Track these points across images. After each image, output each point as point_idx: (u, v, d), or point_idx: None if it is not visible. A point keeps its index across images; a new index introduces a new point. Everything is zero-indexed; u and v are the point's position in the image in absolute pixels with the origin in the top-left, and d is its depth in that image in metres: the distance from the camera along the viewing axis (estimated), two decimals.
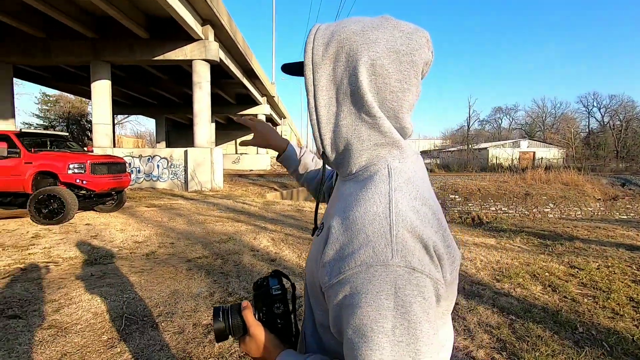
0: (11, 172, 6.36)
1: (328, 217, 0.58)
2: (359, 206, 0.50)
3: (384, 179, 0.52)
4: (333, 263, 0.48)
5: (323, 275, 0.50)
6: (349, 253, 0.47)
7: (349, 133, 0.54)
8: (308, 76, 0.55)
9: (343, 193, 0.57)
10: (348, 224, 0.49)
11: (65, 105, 35.49)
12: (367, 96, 0.51)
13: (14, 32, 12.00)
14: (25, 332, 2.41)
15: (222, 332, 0.64)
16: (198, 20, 11.77)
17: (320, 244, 0.54)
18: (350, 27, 0.53)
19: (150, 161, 12.94)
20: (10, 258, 4.17)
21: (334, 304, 0.48)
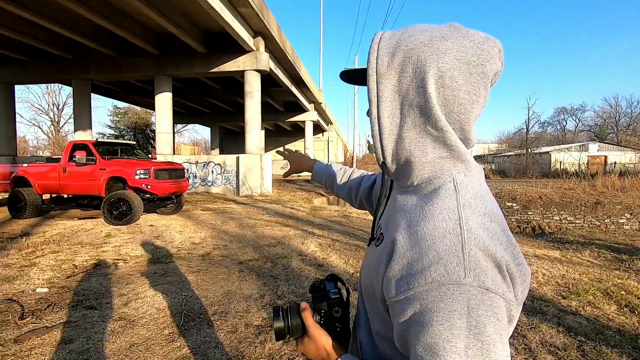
0: (89, 177, 7.13)
1: (389, 228, 0.58)
2: (426, 221, 0.49)
3: (450, 194, 0.51)
4: (400, 278, 0.48)
5: (388, 289, 0.50)
6: (419, 270, 0.46)
7: (412, 145, 0.54)
8: (372, 86, 0.54)
9: (404, 205, 0.57)
10: (416, 239, 0.49)
11: (133, 116, 39.03)
12: (435, 109, 0.51)
13: (90, 52, 13.50)
14: (99, 322, 2.68)
15: (281, 331, 0.66)
16: (250, 33, 12.35)
17: (382, 256, 0.54)
18: (417, 37, 0.52)
19: (205, 167, 13.74)
20: (87, 254, 4.66)
21: (400, 320, 0.48)
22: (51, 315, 2.81)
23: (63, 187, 7.36)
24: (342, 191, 1.04)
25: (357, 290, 0.69)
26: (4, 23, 10.78)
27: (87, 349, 2.31)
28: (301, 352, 0.66)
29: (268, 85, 18.17)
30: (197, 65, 13.39)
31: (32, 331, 2.54)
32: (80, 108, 14.65)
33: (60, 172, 7.30)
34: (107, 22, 10.51)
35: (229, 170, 13.47)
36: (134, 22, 11.58)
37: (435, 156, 0.53)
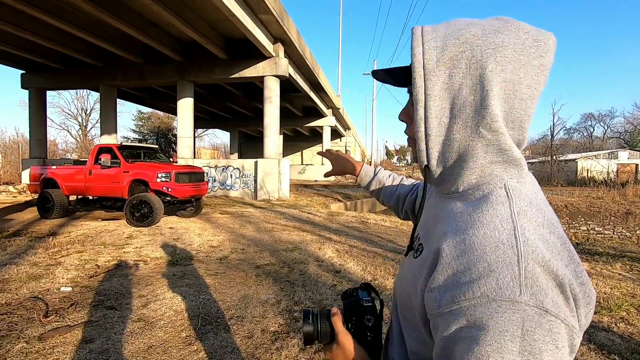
0: (113, 179, 7.35)
1: (430, 238, 0.54)
2: (476, 230, 0.45)
3: (502, 201, 0.47)
4: (444, 290, 0.44)
5: (430, 301, 0.46)
6: (466, 282, 0.42)
7: (461, 148, 0.50)
8: (419, 84, 0.49)
9: (448, 212, 0.53)
10: (463, 248, 0.45)
11: (156, 120, 40.20)
12: (492, 107, 0.47)
13: (118, 59, 14.01)
14: (119, 323, 2.71)
15: (310, 336, 0.64)
16: (270, 39, 12.52)
17: (423, 268, 0.51)
18: (469, 30, 0.48)
19: (224, 171, 13.94)
20: (109, 255, 4.77)
21: (443, 334, 0.44)
22: (74, 314, 2.87)
23: (88, 188, 7.61)
24: (389, 200, 0.99)
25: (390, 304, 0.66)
26: (43, 34, 11.37)
27: (107, 349, 2.34)
28: (329, 358, 0.64)
29: (287, 90, 18.34)
30: (218, 71, 13.67)
31: (55, 329, 2.60)
32: (107, 113, 15.19)
33: (86, 174, 7.55)
34: (137, 31, 10.92)
35: (247, 174, 13.62)
36: (161, 31, 11.97)
37: (486, 161, 0.49)
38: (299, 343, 2.52)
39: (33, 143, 15.95)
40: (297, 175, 28.78)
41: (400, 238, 6.94)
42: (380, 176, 1.01)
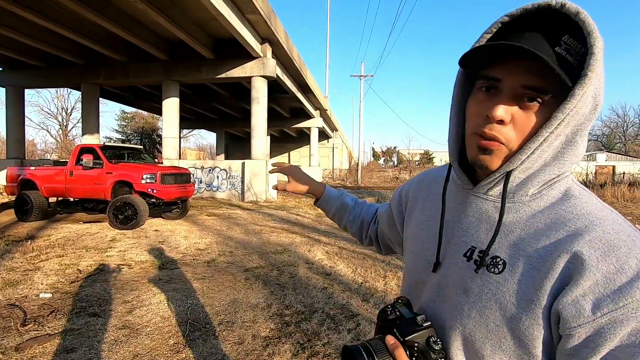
0: (95, 181, 7.12)
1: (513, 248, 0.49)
2: (601, 226, 0.45)
3: (587, 194, 0.50)
4: (597, 297, 0.42)
5: (574, 313, 0.42)
6: (625, 283, 0.41)
7: (553, 153, 0.49)
8: (588, 84, 0.44)
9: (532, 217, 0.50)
10: (605, 248, 0.43)
11: (140, 121, 39.37)
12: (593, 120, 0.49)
13: (101, 57, 13.64)
14: (103, 331, 2.60)
15: None
16: (257, 40, 12.42)
17: (535, 281, 0.46)
18: None
19: (211, 172, 13.73)
20: (92, 259, 4.60)
21: (603, 347, 0.41)
22: (54, 322, 2.74)
23: (69, 190, 7.36)
24: (352, 225, 0.92)
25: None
26: (23, 30, 10.97)
27: (90, 358, 2.24)
28: None
29: (274, 91, 18.23)
30: (204, 71, 13.47)
31: (33, 339, 2.47)
32: (89, 112, 14.77)
33: (67, 175, 7.30)
34: (122, 30, 10.66)
35: (235, 175, 13.45)
36: (147, 30, 11.71)
37: (561, 163, 0.50)
38: (291, 348, 2.46)
39: (10, 143, 15.38)
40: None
41: None
42: (345, 201, 0.94)
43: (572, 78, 0.44)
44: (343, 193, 0.96)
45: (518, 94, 0.47)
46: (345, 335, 2.67)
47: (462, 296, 0.52)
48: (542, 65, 0.43)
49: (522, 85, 0.46)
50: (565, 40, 0.45)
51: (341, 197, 0.94)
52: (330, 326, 2.83)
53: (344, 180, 29.00)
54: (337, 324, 2.88)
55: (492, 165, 0.50)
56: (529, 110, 0.47)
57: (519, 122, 0.47)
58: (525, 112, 0.47)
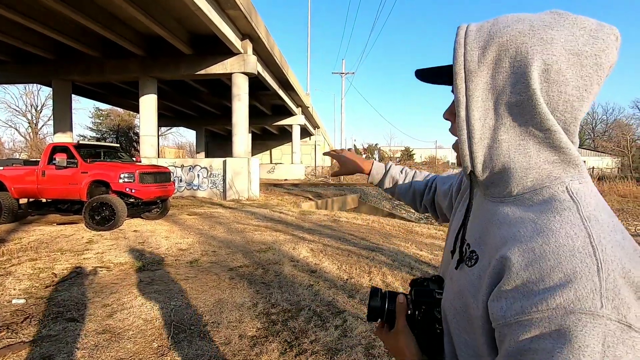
0: (69, 180, 6.84)
1: (485, 245, 0.52)
2: (546, 237, 0.42)
3: (568, 206, 0.44)
4: (513, 300, 0.42)
5: (496, 310, 0.44)
6: (539, 292, 0.40)
7: (511, 149, 0.47)
8: (460, 86, 0.48)
9: (504, 218, 0.50)
10: (533, 257, 0.42)
11: (115, 118, 38.14)
12: (541, 107, 0.44)
13: (74, 53, 13.10)
14: (82, 336, 2.51)
15: (376, 312, 0.65)
16: (238, 36, 12.23)
17: (482, 276, 0.49)
18: (514, 27, 0.45)
19: (191, 171, 13.47)
20: (67, 262, 4.43)
21: (509, 346, 0.42)
22: (28, 329, 2.62)
23: (41, 191, 7.04)
24: (405, 197, 0.98)
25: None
26: None
27: None
28: (379, 337, 0.66)
29: (255, 88, 18.03)
30: (183, 68, 13.16)
31: (7, 347, 2.35)
32: (60, 109, 14.18)
33: (38, 175, 6.98)
34: (97, 25, 10.26)
35: (216, 174, 13.24)
36: (123, 25, 11.32)
37: (541, 160, 0.47)
38: (278, 347, 2.45)
39: None
40: (266, 174, 28.42)
41: (372, 235, 7.02)
42: (392, 173, 0.99)
43: None
44: (390, 167, 1.01)
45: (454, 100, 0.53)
46: (332, 332, 2.68)
47: (448, 282, 0.60)
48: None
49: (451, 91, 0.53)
50: None
51: (389, 172, 1.00)
52: (317, 323, 2.84)
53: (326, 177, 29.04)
54: (324, 321, 2.89)
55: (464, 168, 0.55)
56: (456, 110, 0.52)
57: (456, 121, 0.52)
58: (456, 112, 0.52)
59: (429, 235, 7.82)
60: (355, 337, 2.61)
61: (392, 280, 3.97)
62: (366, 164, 1.01)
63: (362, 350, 2.44)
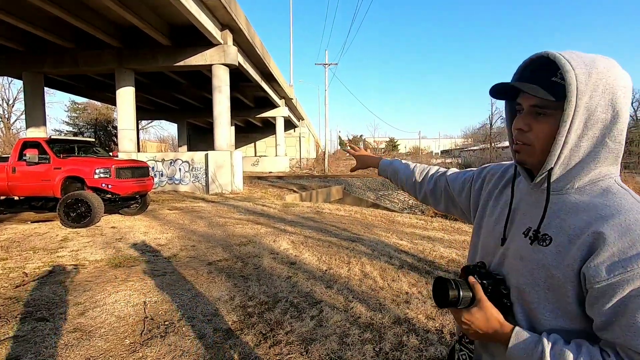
0: (42, 177, 6.63)
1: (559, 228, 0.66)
2: (625, 214, 0.60)
3: (624, 193, 0.64)
4: (612, 263, 0.58)
5: (595, 274, 0.59)
6: (634, 255, 0.56)
7: (585, 153, 0.65)
8: (572, 102, 0.62)
9: (575, 205, 0.66)
10: (622, 229, 0.59)
11: (93, 112, 36.95)
12: (622, 125, 0.64)
13: (45, 44, 12.58)
14: (51, 335, 2.46)
15: (454, 300, 0.71)
16: (217, 26, 11.96)
17: (568, 251, 0.63)
18: (600, 63, 0.63)
19: (173, 165, 13.23)
20: (40, 261, 4.31)
21: (614, 298, 0.58)
22: None
23: (12, 188, 6.80)
24: (406, 184, 1.15)
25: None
26: None
27: None
28: (466, 321, 0.72)
29: (237, 80, 17.75)
30: (161, 59, 12.83)
31: None
32: (32, 103, 13.66)
33: (8, 172, 6.73)
34: (67, 14, 9.86)
35: (198, 167, 13.05)
36: (97, 15, 10.91)
37: (601, 163, 0.65)
38: (253, 339, 2.46)
39: None
40: (250, 167, 28.18)
41: (354, 226, 7.08)
42: (396, 165, 1.20)
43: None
44: (394, 162, 1.22)
45: (531, 112, 0.69)
46: (308, 322, 2.70)
47: (518, 261, 0.71)
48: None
49: (531, 105, 0.69)
50: (558, 73, 0.65)
51: (392, 164, 1.21)
52: (294, 314, 2.85)
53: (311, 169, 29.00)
54: (301, 311, 2.91)
55: (523, 161, 0.73)
56: (539, 121, 0.68)
57: (535, 129, 0.69)
58: (537, 122, 0.68)
59: (410, 224, 7.94)
60: (330, 327, 2.64)
61: (371, 269, 4.02)
62: (376, 160, 1.27)
63: (337, 339, 2.47)
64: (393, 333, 2.57)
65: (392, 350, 2.36)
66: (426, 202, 1.12)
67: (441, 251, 5.04)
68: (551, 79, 0.66)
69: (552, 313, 0.66)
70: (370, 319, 2.81)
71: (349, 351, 2.32)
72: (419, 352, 2.34)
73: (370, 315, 2.86)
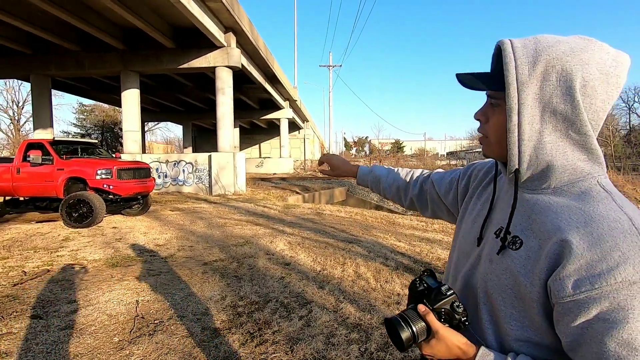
0: (45, 178, 6.74)
1: (530, 231, 0.60)
2: (598, 223, 0.52)
3: (605, 196, 0.56)
4: (579, 278, 0.51)
5: (559, 288, 0.52)
6: (605, 270, 0.49)
7: (553, 149, 0.58)
8: (512, 95, 0.57)
9: (547, 207, 0.59)
10: (593, 240, 0.51)
11: (100, 114, 37.42)
12: (583, 115, 0.55)
13: (52, 47, 12.79)
14: (43, 333, 2.50)
15: (409, 341, 0.63)
16: (221, 29, 12.06)
17: (536, 259, 0.57)
18: (558, 48, 0.56)
19: (176, 166, 13.35)
20: (40, 260, 4.38)
21: (579, 319, 0.51)
22: None
23: (17, 189, 6.93)
24: (389, 192, 1.06)
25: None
26: None
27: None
28: (428, 355, 0.65)
29: (241, 82, 17.87)
30: (165, 61, 12.96)
31: None
32: (40, 105, 13.88)
33: (13, 173, 6.86)
34: (73, 17, 10.01)
35: (201, 169, 13.15)
36: (100, 17, 11.06)
37: (575, 159, 0.58)
38: (240, 338, 2.48)
39: None
40: (255, 168, 28.29)
41: (354, 228, 7.08)
42: (376, 172, 1.09)
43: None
44: (374, 168, 1.11)
45: (489, 102, 0.65)
46: (296, 322, 2.72)
47: (487, 264, 0.66)
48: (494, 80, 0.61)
49: (488, 95, 0.65)
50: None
51: (372, 172, 1.10)
52: (283, 314, 2.87)
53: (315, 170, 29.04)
54: (290, 311, 2.92)
55: (486, 153, 0.68)
56: (495, 111, 0.63)
57: (491, 120, 0.64)
58: (493, 112, 0.64)
59: (410, 226, 7.91)
60: (317, 327, 2.65)
61: (365, 271, 4.02)
62: (354, 168, 1.13)
63: (323, 339, 2.48)
64: (380, 334, 2.57)
65: (377, 350, 2.36)
66: (412, 209, 1.04)
67: (438, 253, 5.02)
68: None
69: (519, 323, 0.60)
70: (359, 319, 2.81)
71: (333, 351, 2.33)
72: (404, 353, 2.34)
73: (359, 316, 2.86)
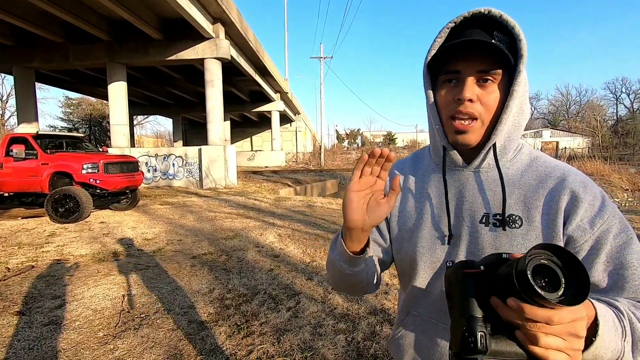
0: (29, 173, 6.60)
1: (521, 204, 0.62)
2: (569, 170, 0.62)
3: (543, 154, 0.66)
4: (590, 218, 0.58)
5: (580, 234, 0.58)
6: (601, 206, 0.58)
7: (516, 127, 0.63)
8: (523, 70, 0.59)
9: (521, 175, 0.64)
10: (582, 184, 0.60)
11: (87, 107, 36.71)
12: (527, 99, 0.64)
13: (35, 38, 12.44)
14: (25, 329, 2.47)
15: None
16: (209, 19, 11.84)
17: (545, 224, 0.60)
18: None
19: (166, 160, 13.19)
20: (24, 256, 4.31)
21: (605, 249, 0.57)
22: None
23: (1, 184, 6.77)
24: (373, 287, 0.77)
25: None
26: None
27: (6, 359, 2.12)
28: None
29: (231, 74, 17.63)
30: (153, 53, 12.70)
31: None
32: (24, 99, 13.55)
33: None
34: (57, 8, 9.73)
35: (191, 162, 13.02)
36: (85, 8, 10.76)
37: (519, 132, 0.64)
38: (227, 330, 2.47)
39: None
40: (246, 161, 28.12)
41: None
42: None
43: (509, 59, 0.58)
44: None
45: (476, 79, 0.60)
46: (283, 314, 2.72)
47: (490, 252, 0.62)
48: (490, 52, 0.58)
49: (478, 70, 0.59)
50: (496, 34, 0.59)
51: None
52: (271, 306, 2.87)
53: (307, 163, 28.97)
54: (278, 303, 2.92)
55: (471, 142, 0.62)
56: (487, 89, 0.60)
57: (484, 99, 0.60)
58: (485, 91, 0.60)
59: None
60: (305, 318, 2.66)
61: None
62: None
63: (310, 329, 2.49)
64: (367, 323, 2.59)
65: (364, 339, 2.37)
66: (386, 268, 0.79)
67: None
68: (491, 41, 0.57)
69: None
70: (347, 309, 2.83)
71: (320, 341, 2.34)
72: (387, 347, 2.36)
73: (347, 306, 2.88)
